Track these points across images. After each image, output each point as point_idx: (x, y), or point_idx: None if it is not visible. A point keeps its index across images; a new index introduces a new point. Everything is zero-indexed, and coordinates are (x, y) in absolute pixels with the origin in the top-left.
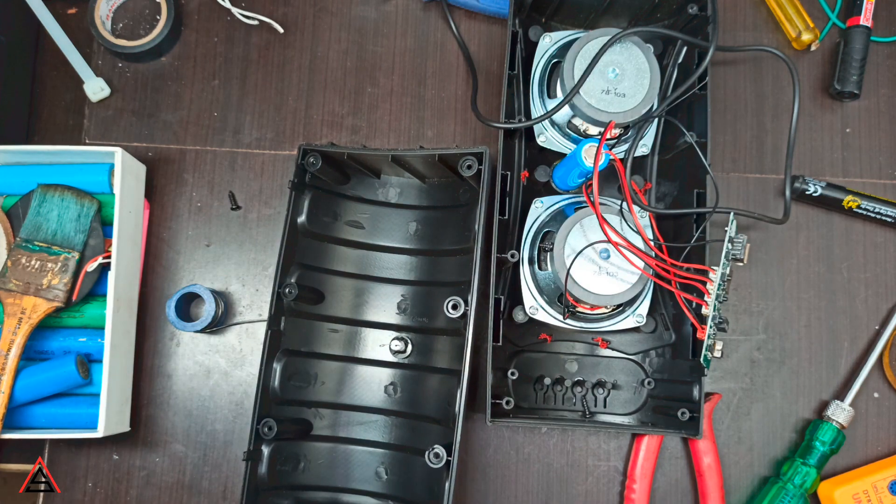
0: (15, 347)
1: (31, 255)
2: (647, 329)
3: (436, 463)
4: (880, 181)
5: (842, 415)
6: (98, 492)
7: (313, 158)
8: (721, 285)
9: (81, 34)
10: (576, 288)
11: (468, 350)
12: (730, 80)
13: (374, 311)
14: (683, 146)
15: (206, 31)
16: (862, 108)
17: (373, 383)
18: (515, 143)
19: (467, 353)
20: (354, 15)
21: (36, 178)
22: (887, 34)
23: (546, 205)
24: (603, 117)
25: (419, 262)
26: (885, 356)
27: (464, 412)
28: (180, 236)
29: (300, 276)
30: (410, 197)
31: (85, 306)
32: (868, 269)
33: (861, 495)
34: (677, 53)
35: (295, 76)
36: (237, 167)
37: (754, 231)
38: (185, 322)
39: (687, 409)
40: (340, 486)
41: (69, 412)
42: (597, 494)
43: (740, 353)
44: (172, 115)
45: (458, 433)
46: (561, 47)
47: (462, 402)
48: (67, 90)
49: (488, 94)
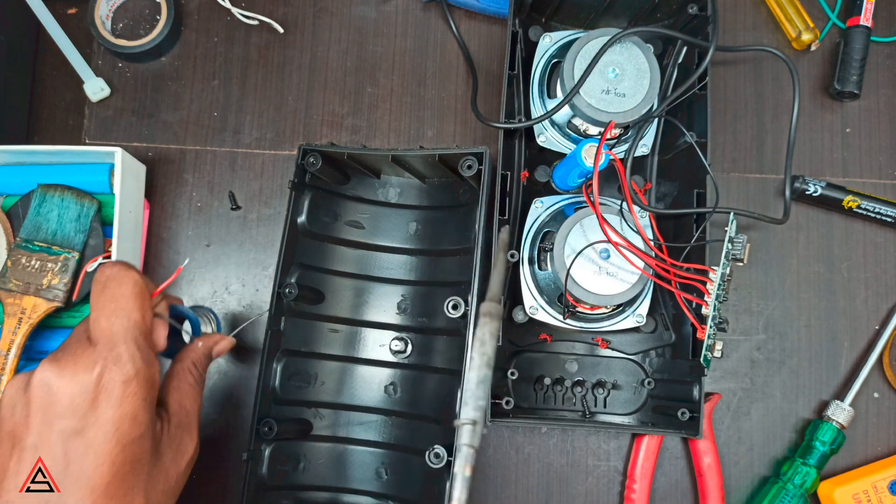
0: (15, 347)
1: (31, 255)
2: (647, 329)
3: (436, 463)
4: (880, 181)
5: (842, 415)
6: None
7: (313, 158)
8: (721, 285)
9: (81, 34)
10: (576, 288)
11: (468, 350)
12: (730, 80)
13: (374, 311)
14: (683, 146)
15: (206, 31)
16: (862, 108)
17: (373, 383)
18: (515, 143)
19: (467, 353)
20: (354, 15)
21: (36, 178)
22: (887, 34)
23: (546, 205)
24: (603, 117)
25: (419, 262)
26: (885, 356)
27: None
28: (180, 236)
29: (300, 276)
30: (410, 197)
31: (85, 306)
32: (868, 269)
33: (861, 495)
34: (677, 53)
35: (295, 76)
36: (237, 167)
37: (754, 231)
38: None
39: (687, 409)
40: (340, 486)
41: None
42: (597, 494)
43: (740, 353)
44: (172, 115)
45: (457, 433)
46: (561, 47)
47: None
48: (67, 90)
49: (488, 94)
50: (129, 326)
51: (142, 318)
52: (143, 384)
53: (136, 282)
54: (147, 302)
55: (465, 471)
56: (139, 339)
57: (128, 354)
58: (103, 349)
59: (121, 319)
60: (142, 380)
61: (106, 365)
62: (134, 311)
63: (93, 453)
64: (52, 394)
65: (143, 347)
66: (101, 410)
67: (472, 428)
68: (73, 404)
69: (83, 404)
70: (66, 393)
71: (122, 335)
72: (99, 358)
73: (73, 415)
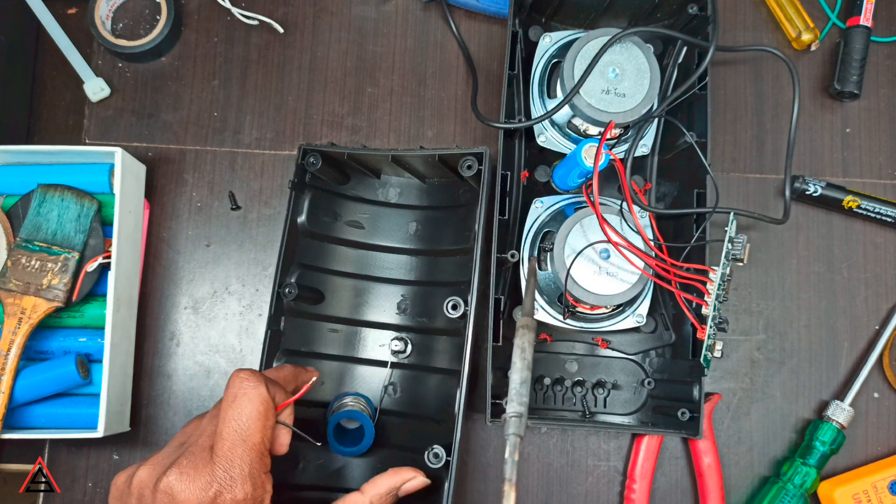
0: (15, 347)
1: (31, 255)
2: (647, 329)
3: (435, 463)
4: (880, 181)
5: (842, 415)
6: (98, 492)
7: (313, 158)
8: (721, 285)
9: (81, 34)
10: (576, 288)
11: (468, 350)
12: (730, 80)
13: (373, 311)
14: (683, 146)
15: (206, 31)
16: (862, 108)
17: (373, 383)
18: (515, 143)
19: (467, 353)
20: (354, 15)
21: (36, 178)
22: (887, 34)
23: (546, 205)
24: (603, 117)
25: (419, 262)
26: (885, 356)
27: (463, 412)
28: (180, 236)
29: (300, 275)
30: (410, 197)
31: (85, 306)
32: (868, 269)
33: (861, 495)
34: (677, 53)
35: (295, 76)
36: (237, 167)
37: (754, 231)
38: (345, 447)
39: (687, 409)
40: (341, 487)
41: (69, 412)
42: (597, 494)
43: (740, 353)
44: (172, 115)
45: (457, 433)
46: (561, 47)
47: (462, 402)
48: (67, 90)
49: (488, 94)
50: (248, 449)
51: (261, 441)
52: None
53: (263, 400)
54: (270, 421)
55: (514, 456)
56: (254, 464)
57: (241, 479)
58: (220, 470)
59: (241, 442)
60: (250, 502)
61: (223, 487)
62: (255, 433)
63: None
64: (175, 502)
65: (255, 473)
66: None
67: (518, 420)
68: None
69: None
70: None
71: (239, 459)
72: (216, 479)
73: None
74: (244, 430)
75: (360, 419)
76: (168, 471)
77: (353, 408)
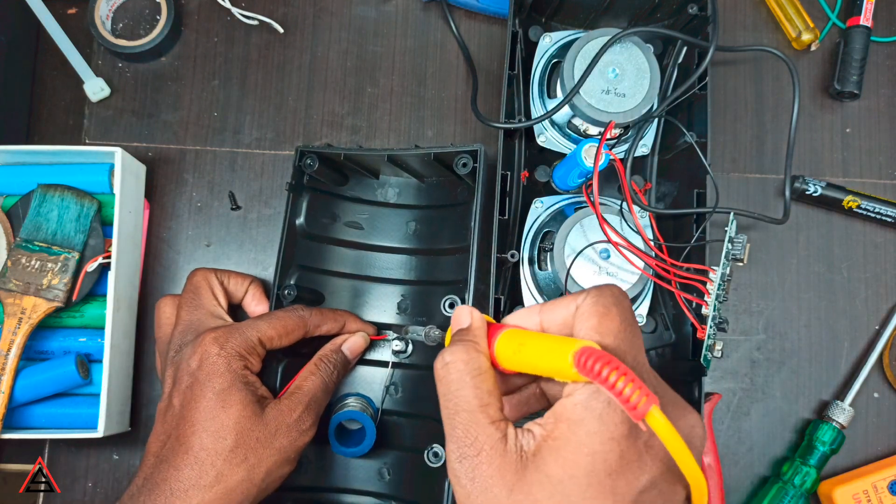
0: (15, 347)
1: (31, 255)
2: (647, 329)
3: (434, 462)
4: (880, 181)
5: (842, 415)
6: (98, 492)
7: (310, 160)
8: (721, 285)
9: (81, 34)
10: (576, 288)
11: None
12: (730, 80)
13: (374, 312)
14: (683, 146)
15: (205, 31)
16: (862, 108)
17: (374, 384)
18: (515, 143)
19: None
20: (354, 15)
21: (36, 178)
22: (887, 34)
23: (546, 205)
24: (603, 117)
25: (418, 261)
26: (885, 356)
27: None
28: (180, 236)
29: (299, 277)
30: (409, 196)
31: (85, 306)
32: (868, 269)
33: (861, 495)
34: (677, 53)
35: (295, 76)
36: (237, 167)
37: (754, 231)
38: (346, 448)
39: None
40: (342, 487)
41: (69, 412)
42: None
43: (740, 353)
44: (172, 115)
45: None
46: (561, 47)
47: None
48: (67, 90)
49: (488, 94)
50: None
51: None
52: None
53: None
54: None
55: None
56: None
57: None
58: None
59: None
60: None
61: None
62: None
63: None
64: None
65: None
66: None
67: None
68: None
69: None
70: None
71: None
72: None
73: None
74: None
75: (361, 420)
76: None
77: (355, 408)
